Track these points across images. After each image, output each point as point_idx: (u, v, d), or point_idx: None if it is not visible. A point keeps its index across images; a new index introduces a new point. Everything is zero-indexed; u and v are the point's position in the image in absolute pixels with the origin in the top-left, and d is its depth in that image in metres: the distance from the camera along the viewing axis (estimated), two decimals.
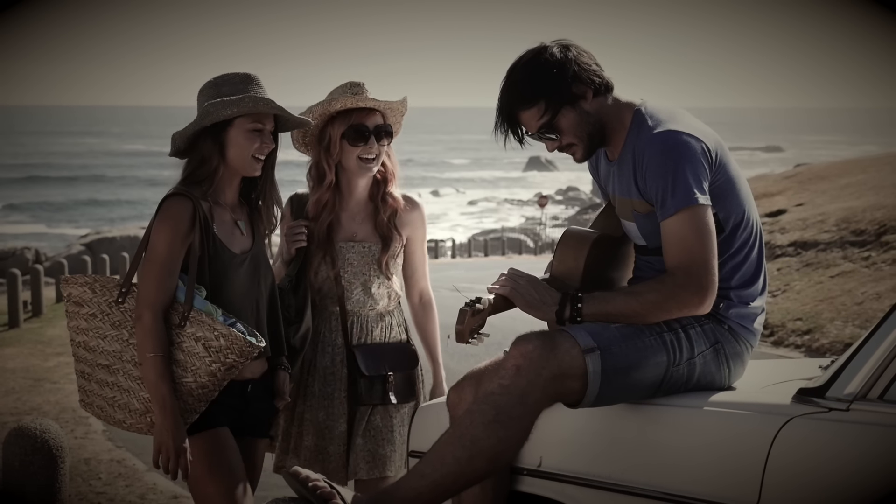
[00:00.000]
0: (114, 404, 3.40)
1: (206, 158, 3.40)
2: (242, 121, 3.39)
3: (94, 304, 3.41)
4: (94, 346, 3.41)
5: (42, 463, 5.23)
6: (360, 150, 3.84)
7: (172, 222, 3.33)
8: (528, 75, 3.03)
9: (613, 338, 2.93)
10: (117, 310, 3.38)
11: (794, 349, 10.49)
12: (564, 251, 3.17)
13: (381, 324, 3.97)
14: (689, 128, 3.01)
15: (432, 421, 3.40)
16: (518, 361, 2.88)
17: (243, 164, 3.43)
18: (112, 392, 3.39)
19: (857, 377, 2.69)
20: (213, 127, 3.39)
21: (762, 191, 19.88)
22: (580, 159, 3.17)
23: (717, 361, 3.05)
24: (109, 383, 3.39)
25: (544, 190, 63.95)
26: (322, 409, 3.90)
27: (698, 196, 2.93)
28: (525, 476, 3.16)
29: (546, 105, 3.03)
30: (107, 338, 3.39)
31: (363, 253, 3.92)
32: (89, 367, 3.43)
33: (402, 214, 3.98)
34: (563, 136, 3.08)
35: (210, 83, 3.47)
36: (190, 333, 3.30)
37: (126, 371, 3.36)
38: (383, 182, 3.96)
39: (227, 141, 3.40)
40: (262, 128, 3.42)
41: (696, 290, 2.92)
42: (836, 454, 2.62)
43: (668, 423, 2.94)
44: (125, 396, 3.37)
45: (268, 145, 3.43)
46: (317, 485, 3.00)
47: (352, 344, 3.91)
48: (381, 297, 3.95)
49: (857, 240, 13.67)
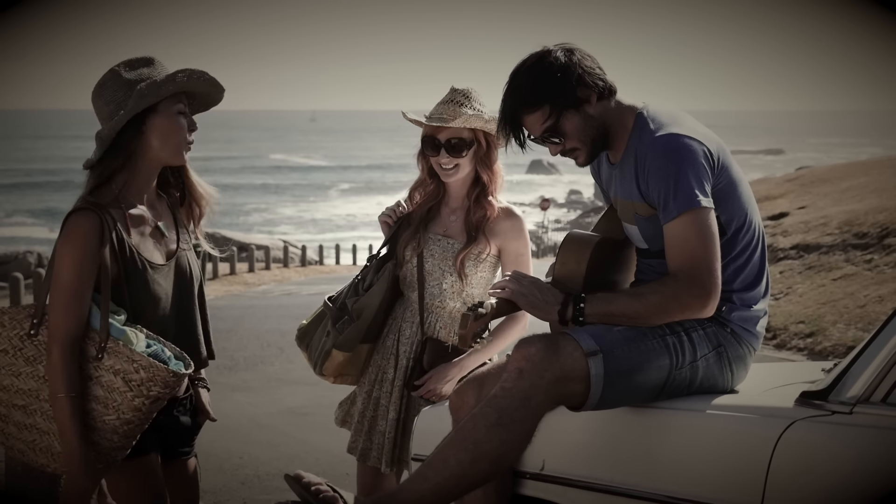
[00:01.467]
0: (35, 448, 3.07)
1: (132, 153, 3.10)
2: (168, 103, 3.10)
3: (5, 339, 3.05)
4: (8, 385, 3.06)
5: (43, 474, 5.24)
6: (435, 160, 3.94)
7: (78, 242, 2.99)
8: (532, 79, 3.03)
9: (616, 340, 2.93)
10: (30, 343, 3.04)
11: (796, 352, 10.48)
12: (566, 254, 3.17)
13: (450, 324, 3.99)
14: (690, 131, 3.01)
15: (435, 424, 3.40)
16: (521, 364, 2.88)
17: (172, 153, 3.15)
18: (31, 435, 3.07)
19: (859, 380, 2.69)
20: (132, 121, 3.07)
21: (764, 194, 19.87)
22: (583, 163, 3.17)
23: (719, 364, 3.05)
24: (27, 426, 3.06)
25: (546, 193, 63.95)
26: (394, 396, 3.97)
27: (701, 199, 2.93)
28: (528, 479, 3.16)
29: (550, 109, 3.03)
30: (21, 375, 3.05)
31: (446, 248, 3.98)
32: (4, 408, 3.08)
33: (495, 223, 3.98)
34: (566, 140, 3.08)
35: (112, 73, 3.13)
36: (108, 366, 2.99)
37: (44, 411, 3.03)
38: (482, 187, 3.98)
39: (149, 129, 3.09)
40: (186, 109, 3.15)
41: (699, 293, 2.92)
42: (839, 457, 2.62)
43: (671, 427, 2.94)
44: (45, 439, 3.05)
45: (194, 127, 3.18)
46: (319, 488, 3.01)
47: (427, 333, 3.97)
48: (451, 296, 3.97)
49: (860, 242, 13.66)
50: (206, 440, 6.91)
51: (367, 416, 3.99)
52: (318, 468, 6.27)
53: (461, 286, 3.96)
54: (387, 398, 3.97)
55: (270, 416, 7.98)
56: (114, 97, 3.10)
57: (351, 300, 3.97)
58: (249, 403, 8.55)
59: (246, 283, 22.27)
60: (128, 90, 3.10)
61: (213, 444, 6.81)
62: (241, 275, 23.57)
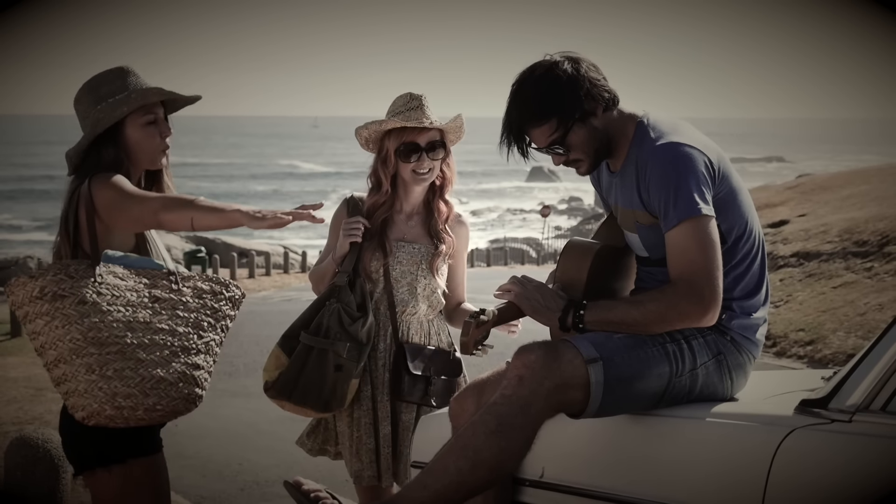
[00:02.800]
0: (144, 387, 3.09)
1: (114, 163, 3.23)
2: (135, 116, 3.25)
3: (79, 290, 3.08)
4: (106, 337, 3.08)
5: (44, 472, 5.23)
6: (413, 165, 3.95)
7: (114, 178, 3.17)
8: (540, 92, 3.02)
9: (616, 348, 2.94)
10: (103, 287, 3.11)
11: (796, 360, 10.48)
12: (567, 261, 3.18)
13: (421, 330, 4.02)
14: (691, 140, 3.02)
15: (434, 431, 3.40)
16: (520, 371, 2.88)
17: (150, 159, 3.31)
18: (142, 371, 3.09)
19: (859, 388, 2.69)
20: (107, 132, 3.23)
21: (764, 201, 19.87)
22: (584, 173, 3.17)
23: (719, 372, 3.05)
24: (142, 360, 3.10)
25: (547, 200, 63.96)
26: (373, 411, 3.96)
27: (701, 206, 2.93)
28: (527, 487, 3.16)
29: (558, 122, 3.02)
30: (130, 314, 3.11)
31: (413, 253, 4.02)
32: (98, 363, 3.07)
33: (452, 225, 4.11)
34: (571, 152, 3.08)
35: (85, 88, 3.30)
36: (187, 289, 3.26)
37: (153, 345, 3.12)
38: (440, 188, 4.08)
39: (123, 142, 3.25)
40: (156, 117, 3.29)
41: (698, 301, 2.92)
42: (838, 466, 2.61)
43: (670, 435, 2.94)
44: (159, 371, 3.11)
45: (167, 133, 3.32)
46: (319, 495, 3.01)
47: (401, 340, 3.96)
48: (424, 299, 4.01)
49: (860, 250, 13.65)
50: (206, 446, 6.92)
51: (354, 439, 3.97)
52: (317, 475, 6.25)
53: (433, 287, 4.02)
54: (369, 415, 3.94)
55: (270, 423, 7.98)
56: (82, 114, 3.27)
57: (358, 323, 3.84)
58: (249, 409, 8.55)
59: (246, 288, 22.23)
60: (93, 109, 3.24)
61: (213, 450, 6.81)
62: (242, 280, 23.57)
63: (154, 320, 3.16)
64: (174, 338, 3.18)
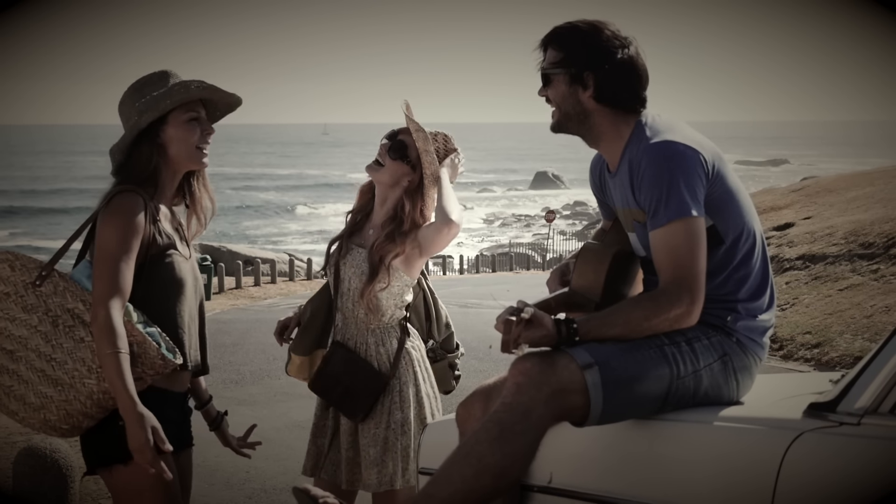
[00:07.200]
0: (10, 393, 3.17)
1: (146, 162, 3.28)
2: (177, 113, 3.29)
3: (10, 283, 3.18)
4: (1, 329, 3.18)
5: (52, 482, 5.24)
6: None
7: (125, 216, 3.17)
8: (582, 31, 3.09)
9: (611, 352, 2.93)
10: (32, 293, 3.16)
11: (803, 363, 10.46)
12: (584, 265, 3.17)
13: (357, 337, 4.04)
14: (685, 139, 3.02)
15: (442, 438, 3.40)
16: (518, 379, 2.89)
17: (189, 158, 3.33)
18: (10, 381, 3.17)
19: (867, 391, 2.68)
20: (148, 130, 3.27)
21: (769, 204, 19.85)
22: (551, 127, 3.22)
23: (724, 374, 3.05)
24: (10, 371, 3.17)
25: (551, 205, 63.96)
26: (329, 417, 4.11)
27: (692, 207, 2.93)
28: (536, 493, 3.16)
29: (563, 60, 3.09)
30: (15, 321, 3.16)
31: (357, 256, 4.06)
32: None
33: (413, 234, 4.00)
34: (549, 91, 3.14)
35: (130, 90, 3.34)
36: None
37: (29, 361, 3.14)
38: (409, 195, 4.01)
39: (165, 140, 3.30)
40: (198, 115, 3.33)
41: (687, 304, 2.93)
42: (847, 469, 2.61)
43: (677, 439, 2.94)
44: (22, 388, 3.16)
45: (209, 131, 3.36)
46: (328, 501, 3.00)
47: (336, 340, 4.05)
48: (363, 305, 4.00)
49: (866, 252, 13.63)
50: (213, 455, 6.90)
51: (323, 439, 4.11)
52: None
53: (374, 296, 3.97)
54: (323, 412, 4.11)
55: (277, 431, 7.99)
56: (128, 114, 3.30)
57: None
58: (255, 417, 8.55)
59: (252, 296, 22.25)
60: (135, 107, 3.29)
61: (220, 458, 6.80)
62: (247, 288, 23.56)
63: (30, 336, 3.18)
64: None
